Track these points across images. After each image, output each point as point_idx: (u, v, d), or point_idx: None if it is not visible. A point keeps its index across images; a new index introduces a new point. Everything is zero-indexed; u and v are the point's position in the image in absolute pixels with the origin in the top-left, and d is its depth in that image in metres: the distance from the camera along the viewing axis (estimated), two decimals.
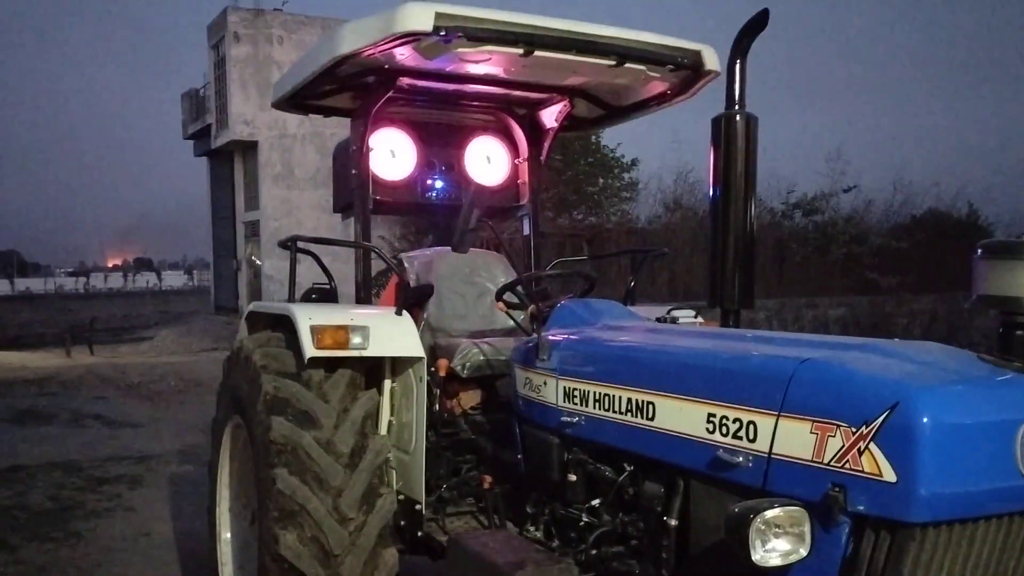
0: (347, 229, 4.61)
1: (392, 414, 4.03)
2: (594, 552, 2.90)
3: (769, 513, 1.99)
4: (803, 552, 2.02)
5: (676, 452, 2.51)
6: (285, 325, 3.78)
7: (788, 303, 14.45)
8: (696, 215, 16.01)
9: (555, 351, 3.16)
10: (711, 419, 2.37)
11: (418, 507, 3.74)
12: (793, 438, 2.12)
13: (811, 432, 2.07)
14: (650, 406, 2.62)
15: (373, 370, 3.95)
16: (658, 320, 3.58)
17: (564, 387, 3.08)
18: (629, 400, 2.72)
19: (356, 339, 3.65)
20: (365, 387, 3.80)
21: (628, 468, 2.79)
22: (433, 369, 3.99)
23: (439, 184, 4.82)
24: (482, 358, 4.02)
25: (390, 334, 3.78)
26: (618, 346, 2.95)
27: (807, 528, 2.02)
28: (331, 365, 3.70)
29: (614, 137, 20.19)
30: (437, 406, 3.98)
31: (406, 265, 4.54)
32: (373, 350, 3.69)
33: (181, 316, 33.95)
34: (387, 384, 4.06)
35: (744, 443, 2.26)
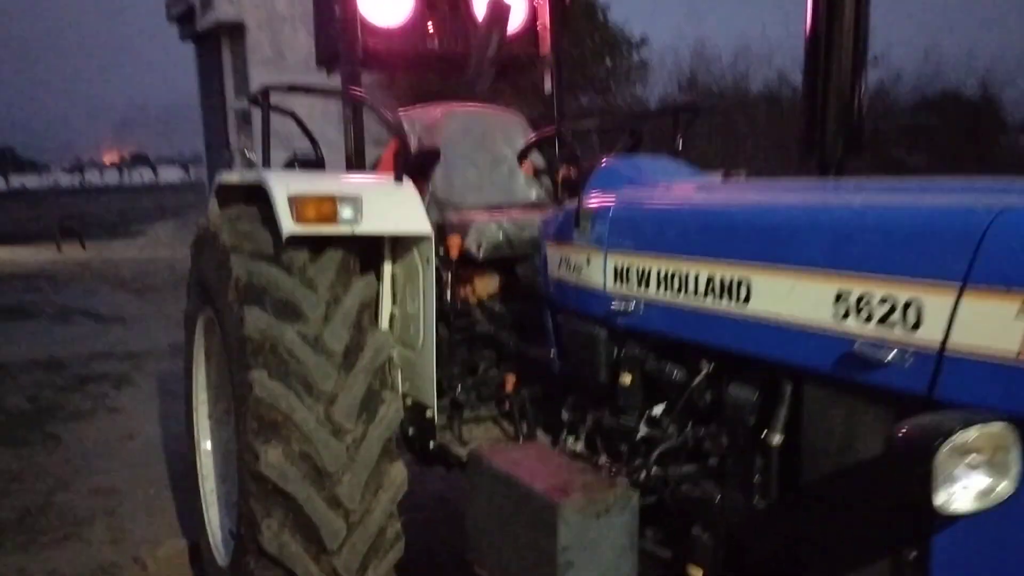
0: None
1: (394, 304, 3.36)
2: (656, 471, 2.27)
3: (961, 436, 1.32)
4: (1007, 489, 1.37)
5: (783, 346, 1.83)
6: (260, 198, 3.06)
7: None
8: (715, 92, 15.00)
9: (600, 219, 2.45)
10: (842, 299, 1.68)
11: (429, 413, 3.11)
12: (985, 323, 1.43)
13: (1020, 314, 1.39)
14: (743, 285, 1.93)
15: (369, 252, 3.26)
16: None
17: (614, 265, 2.38)
18: (710, 278, 2.03)
19: (346, 212, 2.94)
20: (360, 272, 3.12)
21: (706, 367, 2.13)
22: (443, 250, 3.29)
23: (443, 30, 4.00)
24: (501, 236, 3.32)
25: (389, 207, 3.07)
26: (691, 207, 2.24)
27: (1015, 456, 1.36)
28: (317, 245, 3.01)
29: (621, 13, 18.94)
30: (448, 294, 3.30)
31: (405, 126, 3.78)
32: (368, 226, 2.98)
33: (176, 211, 33.17)
34: (387, 268, 3.38)
35: (898, 332, 1.57)
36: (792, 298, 1.80)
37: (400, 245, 3.30)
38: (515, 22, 4.16)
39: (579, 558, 2.09)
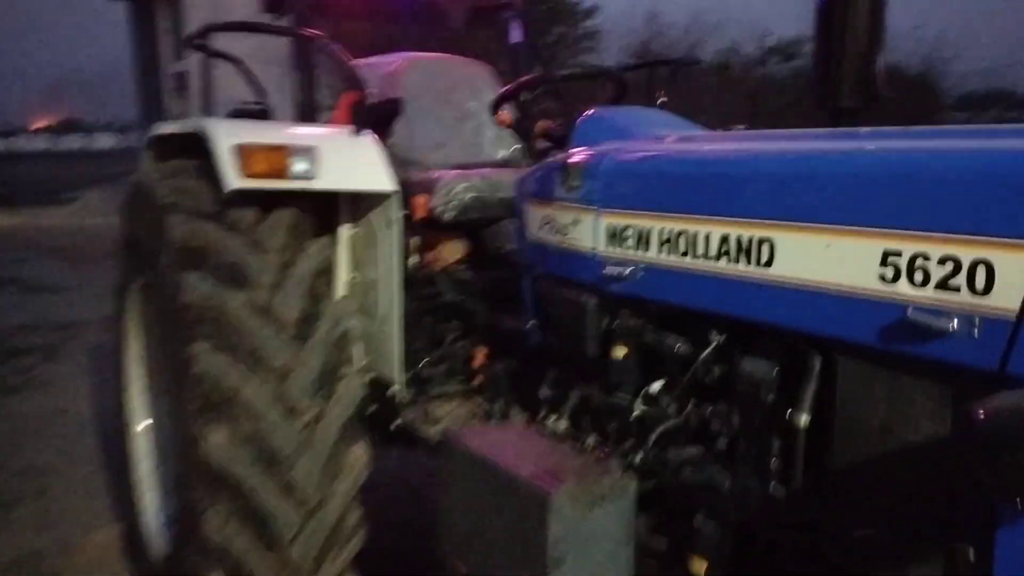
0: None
1: (353, 270, 3.07)
2: (654, 454, 2.04)
3: None
4: None
5: (814, 314, 1.60)
6: (201, 151, 2.73)
7: None
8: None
9: (591, 175, 2.19)
10: (891, 260, 1.45)
11: (393, 390, 2.84)
12: None
13: None
14: (764, 245, 1.69)
15: (323, 211, 2.96)
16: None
17: (608, 225, 2.13)
18: (724, 238, 1.78)
19: (300, 165, 2.63)
20: (314, 234, 2.82)
21: (716, 338, 1.89)
22: (407, 211, 3.00)
23: None
24: (471, 196, 3.05)
25: (348, 161, 2.77)
26: (700, 158, 1.99)
27: None
28: (265, 203, 2.70)
29: None
30: (412, 259, 3.02)
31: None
32: (325, 182, 2.69)
33: (110, 177, 32.00)
34: (344, 231, 3.08)
35: (963, 297, 1.35)
36: (826, 260, 1.56)
37: (359, 205, 3.01)
38: None
39: (572, 551, 1.86)
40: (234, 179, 2.53)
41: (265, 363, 2.47)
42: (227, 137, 2.58)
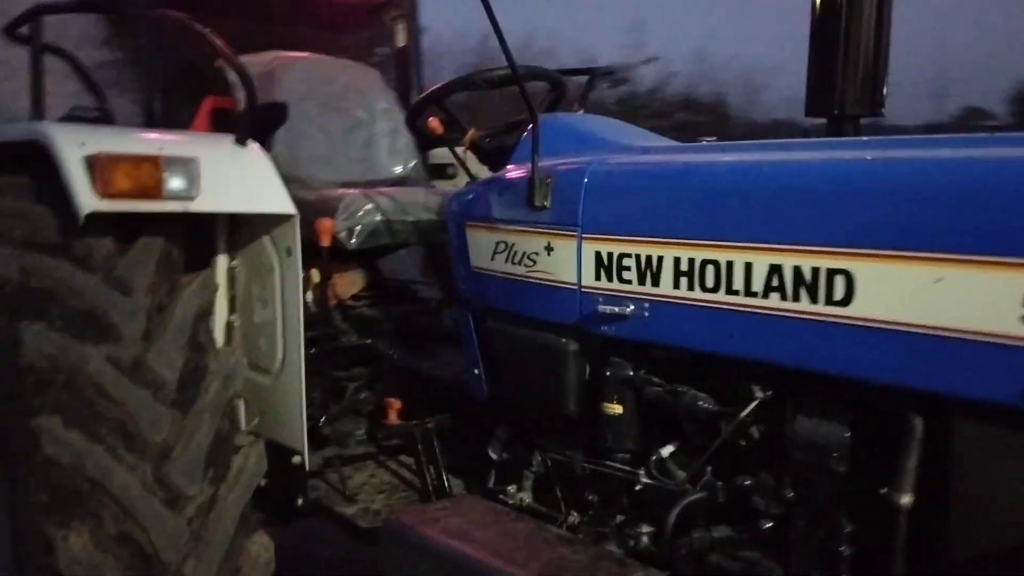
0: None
1: (235, 312, 2.50)
2: (671, 536, 1.65)
3: None
4: None
5: (919, 365, 1.28)
6: (38, 164, 2.10)
7: None
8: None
9: (568, 192, 1.80)
10: None
11: (297, 459, 2.30)
12: None
13: None
14: (841, 279, 1.35)
15: (194, 240, 2.39)
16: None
17: (596, 253, 1.74)
18: (776, 270, 1.43)
19: (175, 182, 2.07)
20: (187, 268, 2.26)
21: (760, 394, 1.54)
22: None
23: None
24: (379, 219, 2.57)
25: (234, 176, 2.23)
26: (736, 169, 1.62)
27: None
28: (125, 230, 2.11)
29: None
30: (313, 295, 2.51)
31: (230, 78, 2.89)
32: (209, 202, 2.13)
33: None
34: (221, 262, 2.52)
35: None
36: (937, 298, 1.25)
37: (240, 231, 2.46)
38: None
39: None
40: (89, 199, 1.93)
41: (138, 439, 1.90)
42: (77, 145, 1.98)
